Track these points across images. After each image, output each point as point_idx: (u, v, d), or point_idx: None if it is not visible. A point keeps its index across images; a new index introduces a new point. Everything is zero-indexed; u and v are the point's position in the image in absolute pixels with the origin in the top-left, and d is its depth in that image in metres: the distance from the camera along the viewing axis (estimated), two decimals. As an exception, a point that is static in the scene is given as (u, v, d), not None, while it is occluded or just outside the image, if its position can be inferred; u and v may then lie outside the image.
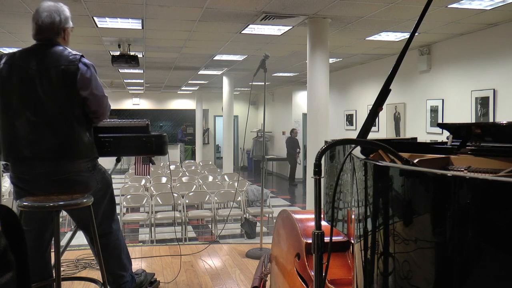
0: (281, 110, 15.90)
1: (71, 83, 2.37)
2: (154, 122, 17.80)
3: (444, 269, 0.89)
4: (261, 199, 4.77)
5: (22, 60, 2.39)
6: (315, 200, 1.29)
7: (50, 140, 2.36)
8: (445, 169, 1.54)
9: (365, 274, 1.19)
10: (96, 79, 2.46)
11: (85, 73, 2.40)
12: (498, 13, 5.29)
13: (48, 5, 2.46)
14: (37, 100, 2.35)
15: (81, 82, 2.38)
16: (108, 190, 2.70)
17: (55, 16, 2.43)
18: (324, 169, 1.84)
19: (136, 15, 5.43)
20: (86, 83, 2.40)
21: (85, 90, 2.41)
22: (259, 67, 4.18)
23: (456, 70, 6.78)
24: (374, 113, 1.47)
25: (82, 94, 2.41)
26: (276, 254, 2.39)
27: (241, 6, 5.02)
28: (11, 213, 1.05)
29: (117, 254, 2.73)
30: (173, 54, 8.32)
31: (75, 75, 2.37)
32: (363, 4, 4.93)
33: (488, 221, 0.82)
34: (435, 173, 0.92)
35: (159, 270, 3.58)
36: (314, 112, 5.89)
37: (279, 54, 8.17)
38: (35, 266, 2.57)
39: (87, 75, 2.40)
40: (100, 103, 2.49)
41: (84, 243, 3.15)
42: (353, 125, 10.06)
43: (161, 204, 7.05)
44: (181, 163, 13.11)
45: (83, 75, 2.39)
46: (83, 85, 2.40)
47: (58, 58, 2.38)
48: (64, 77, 2.36)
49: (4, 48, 7.66)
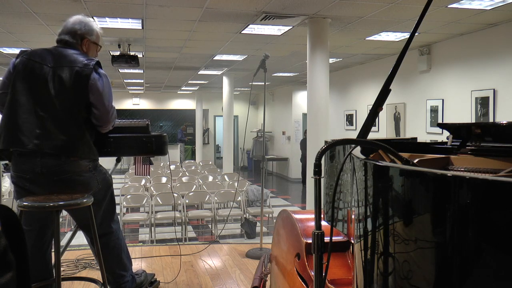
0: (281, 110, 15.91)
1: (83, 85, 2.41)
2: (154, 122, 17.80)
3: (444, 269, 0.89)
4: (261, 199, 4.77)
5: (39, 57, 2.46)
6: (315, 200, 1.29)
7: (56, 137, 2.38)
8: (445, 169, 1.54)
9: (365, 274, 1.19)
10: (107, 88, 2.51)
11: (97, 80, 2.45)
12: (498, 13, 5.29)
13: (78, 16, 2.63)
14: (48, 96, 2.39)
15: (91, 88, 2.44)
16: (108, 190, 2.71)
17: (76, 24, 2.58)
18: (324, 169, 1.84)
19: (136, 15, 5.44)
20: (96, 91, 2.45)
21: (94, 97, 2.45)
22: (259, 67, 4.18)
23: (456, 70, 6.78)
24: (374, 113, 1.47)
25: (90, 99, 2.46)
26: (276, 254, 2.39)
27: (241, 6, 5.02)
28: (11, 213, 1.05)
29: (117, 254, 2.74)
30: (173, 54, 8.32)
31: (88, 78, 2.42)
32: (363, 4, 4.93)
33: (488, 221, 0.82)
34: (435, 173, 0.92)
35: (159, 270, 3.59)
36: (314, 112, 5.89)
37: (279, 54, 8.17)
38: (36, 266, 2.57)
39: (98, 83, 2.46)
40: (105, 112, 2.52)
41: (84, 243, 3.15)
42: (353, 125, 10.06)
43: (161, 204, 7.05)
44: (181, 163, 13.12)
45: (95, 82, 2.44)
46: (93, 92, 2.44)
47: (74, 59, 2.45)
48: (76, 78, 2.41)
49: (4, 48, 7.66)
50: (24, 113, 2.39)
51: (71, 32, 2.57)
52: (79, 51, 2.54)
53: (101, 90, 2.46)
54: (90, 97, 2.44)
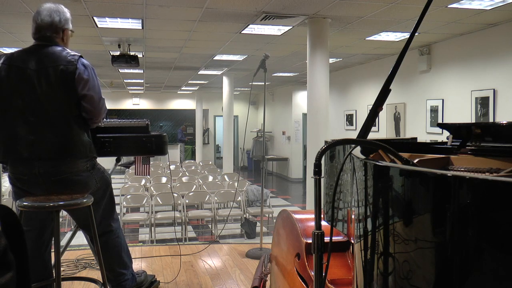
0: (281, 110, 15.91)
1: (70, 83, 2.38)
2: (154, 122, 17.81)
3: (444, 269, 0.89)
4: (261, 199, 4.77)
5: (20, 60, 2.39)
6: (315, 200, 1.29)
7: (49, 140, 2.37)
8: (445, 169, 1.54)
9: (365, 274, 1.19)
10: (93, 79, 2.46)
11: (82, 72, 2.41)
12: (498, 13, 5.29)
13: (48, 5, 2.48)
14: (36, 100, 2.35)
15: (78, 82, 2.39)
16: (107, 189, 2.70)
17: (54, 16, 2.46)
18: (324, 169, 1.84)
19: (136, 15, 5.43)
20: (83, 82, 2.41)
21: (82, 89, 2.41)
22: (259, 67, 4.18)
23: (456, 70, 6.78)
24: (374, 113, 1.47)
25: (78, 92, 2.41)
26: (276, 254, 2.39)
27: (241, 6, 5.02)
28: (11, 213, 1.05)
29: (118, 252, 2.74)
30: (173, 54, 8.32)
31: (73, 74, 2.38)
32: (363, 4, 4.93)
33: (488, 221, 0.82)
34: (435, 173, 0.92)
35: (159, 270, 3.58)
36: (314, 112, 5.89)
37: (279, 54, 8.17)
38: (36, 266, 2.57)
39: (84, 74, 2.41)
40: (95, 103, 2.48)
41: (84, 243, 3.15)
42: (353, 125, 10.06)
43: (161, 204, 7.05)
44: (181, 163, 13.11)
45: (80, 75, 2.40)
46: (80, 84, 2.40)
47: (56, 58, 2.39)
48: (63, 77, 2.37)
49: (4, 48, 7.66)
50: (16, 121, 2.36)
51: (52, 26, 2.45)
52: (59, 46, 2.46)
53: (88, 80, 2.41)
54: (78, 90, 2.39)
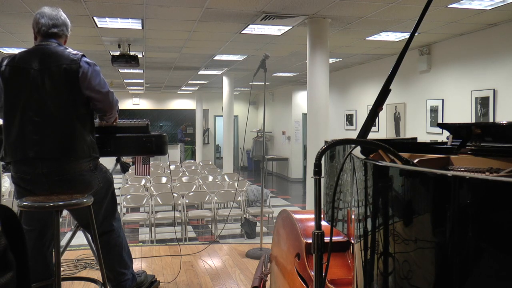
0: (281, 110, 15.91)
1: (73, 82, 2.38)
2: (154, 122, 17.80)
3: (444, 269, 0.89)
4: (261, 199, 4.77)
5: (24, 61, 2.40)
6: (315, 200, 1.29)
7: (53, 140, 2.37)
8: (445, 169, 1.54)
9: (365, 274, 1.19)
10: (98, 75, 2.47)
11: (87, 71, 2.41)
12: (498, 13, 5.29)
13: (49, 9, 2.51)
14: (40, 100, 2.36)
15: (83, 80, 2.40)
16: (109, 189, 2.71)
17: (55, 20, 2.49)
18: (324, 169, 1.84)
19: (136, 15, 5.43)
20: (89, 80, 2.42)
21: (88, 88, 2.43)
22: (259, 67, 4.18)
23: (456, 70, 6.78)
24: (374, 113, 1.47)
25: (85, 93, 2.43)
26: (276, 254, 2.39)
27: (241, 6, 5.02)
28: (11, 213, 1.05)
29: (118, 252, 2.74)
30: (173, 54, 8.32)
31: (77, 73, 2.38)
32: (363, 4, 4.93)
33: (488, 221, 0.82)
34: (435, 173, 0.92)
35: (159, 270, 3.58)
36: (314, 112, 5.89)
37: (279, 54, 8.17)
38: (36, 266, 2.57)
39: (88, 72, 2.42)
40: (105, 99, 2.50)
41: (84, 243, 3.15)
42: (353, 125, 10.06)
43: (161, 204, 7.05)
44: (181, 163, 13.11)
45: (84, 73, 2.40)
46: (86, 83, 2.41)
47: (59, 57, 2.40)
48: (66, 76, 2.38)
49: (4, 48, 7.66)
50: (21, 121, 2.37)
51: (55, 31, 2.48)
52: (61, 46, 2.47)
53: (93, 77, 2.42)
54: (84, 88, 2.40)
